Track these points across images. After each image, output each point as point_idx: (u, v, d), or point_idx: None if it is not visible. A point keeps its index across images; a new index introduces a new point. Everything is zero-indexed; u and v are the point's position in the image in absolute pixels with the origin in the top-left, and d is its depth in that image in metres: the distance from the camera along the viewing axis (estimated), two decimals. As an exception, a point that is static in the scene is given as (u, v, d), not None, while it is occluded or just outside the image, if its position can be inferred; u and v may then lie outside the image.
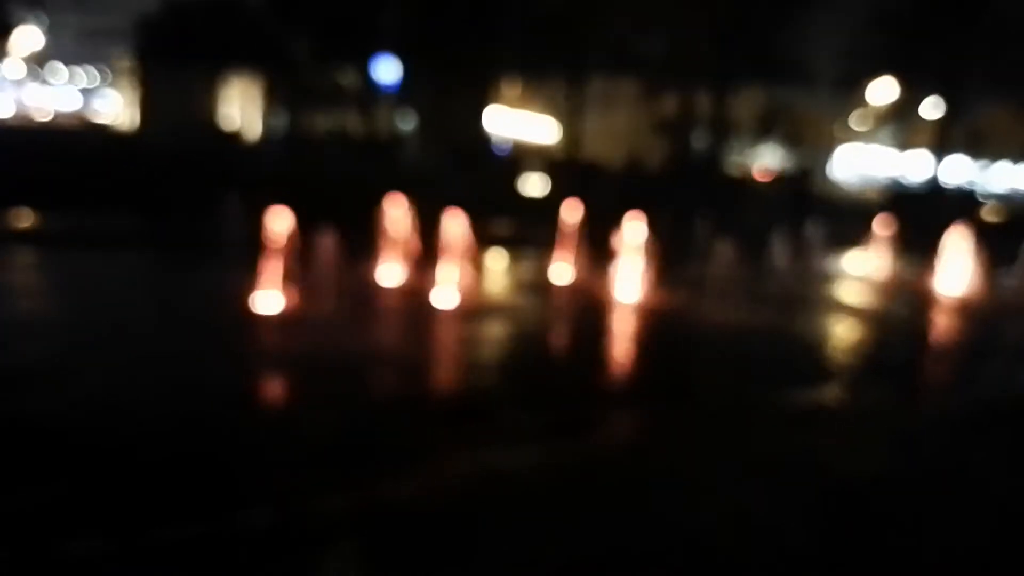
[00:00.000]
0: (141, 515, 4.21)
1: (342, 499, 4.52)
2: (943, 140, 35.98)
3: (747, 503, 4.93)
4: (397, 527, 4.39)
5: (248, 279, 8.70)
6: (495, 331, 9.10)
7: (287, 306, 8.42)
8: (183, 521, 4.23)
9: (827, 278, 14.77)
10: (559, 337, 9.67)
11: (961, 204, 30.59)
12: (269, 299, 8.41)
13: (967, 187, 47.81)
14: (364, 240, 9.99)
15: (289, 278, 8.37)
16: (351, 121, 56.03)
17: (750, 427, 6.37)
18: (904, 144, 78.72)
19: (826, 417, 6.94)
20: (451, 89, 36.74)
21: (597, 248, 11.79)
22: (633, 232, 11.12)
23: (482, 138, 41.25)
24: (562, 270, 12.10)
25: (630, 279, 10.97)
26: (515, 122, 68.13)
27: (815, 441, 6.16)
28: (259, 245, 8.55)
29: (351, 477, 4.88)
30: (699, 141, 38.22)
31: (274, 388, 6.77)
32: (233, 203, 10.79)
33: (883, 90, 46.49)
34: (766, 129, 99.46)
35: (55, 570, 3.75)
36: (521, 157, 43.91)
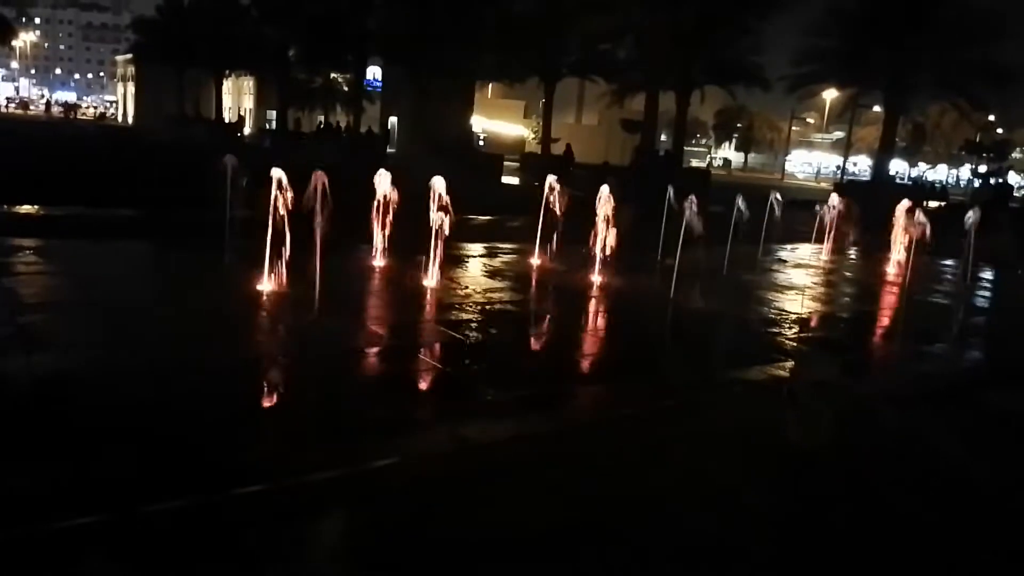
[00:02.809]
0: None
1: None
2: (888, 138, 36.68)
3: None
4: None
5: (246, 262, 8.90)
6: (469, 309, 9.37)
7: (279, 286, 8.61)
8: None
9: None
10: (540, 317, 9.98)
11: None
12: (266, 279, 8.61)
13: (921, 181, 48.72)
14: (353, 224, 10.20)
15: (282, 259, 8.55)
16: (339, 117, 56.10)
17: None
18: (851, 143, 79.69)
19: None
20: (433, 88, 36.96)
21: (572, 236, 12.09)
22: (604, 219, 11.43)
23: (462, 134, 41.46)
24: (540, 255, 12.36)
25: (603, 262, 11.29)
26: (492, 119, 68.39)
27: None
28: (255, 229, 8.72)
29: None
30: (662, 139, 38.70)
31: (266, 362, 6.97)
32: (226, 192, 10.92)
33: (833, 91, 47.26)
34: (725, 129, 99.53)
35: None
36: (497, 152, 44.33)
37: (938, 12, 31.25)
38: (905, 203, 15.13)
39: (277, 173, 8.24)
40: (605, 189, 11.43)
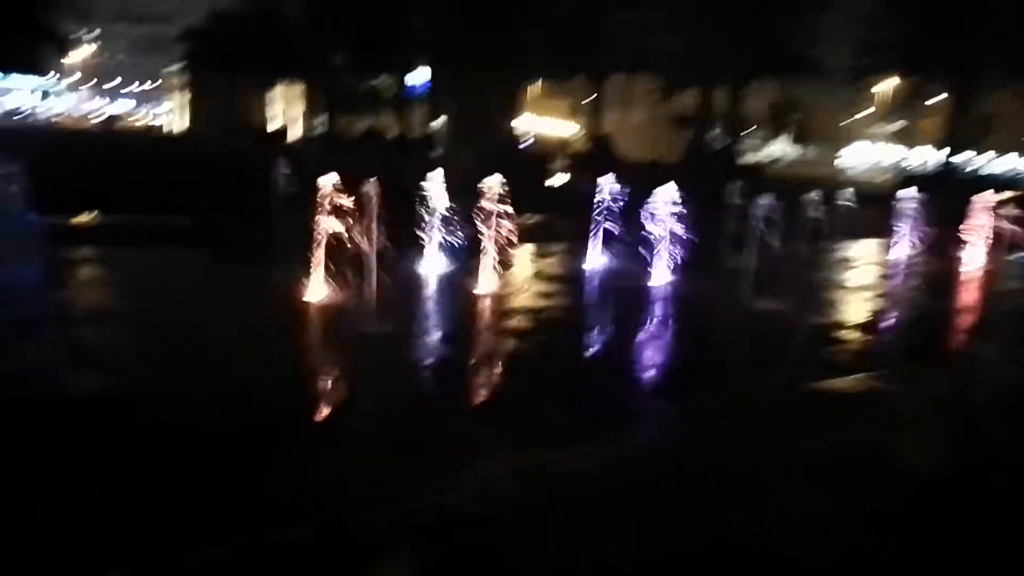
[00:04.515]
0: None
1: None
2: (953, 129, 35.02)
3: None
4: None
5: (296, 271, 8.44)
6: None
7: (332, 295, 8.15)
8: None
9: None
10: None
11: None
12: (316, 288, 8.15)
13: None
14: (403, 230, 9.66)
15: (334, 268, 8.10)
16: (385, 122, 56.04)
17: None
18: (912, 136, 77.16)
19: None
20: (479, 91, 36.41)
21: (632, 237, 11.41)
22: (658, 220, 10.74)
23: (510, 136, 40.90)
24: (594, 258, 11.73)
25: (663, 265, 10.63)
26: (539, 119, 67.70)
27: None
28: (303, 239, 8.28)
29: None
30: (715, 135, 37.54)
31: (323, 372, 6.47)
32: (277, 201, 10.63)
33: (892, 84, 45.48)
34: (778, 123, 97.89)
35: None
36: (546, 152, 43.56)
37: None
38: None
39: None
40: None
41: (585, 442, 5.21)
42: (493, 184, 9.28)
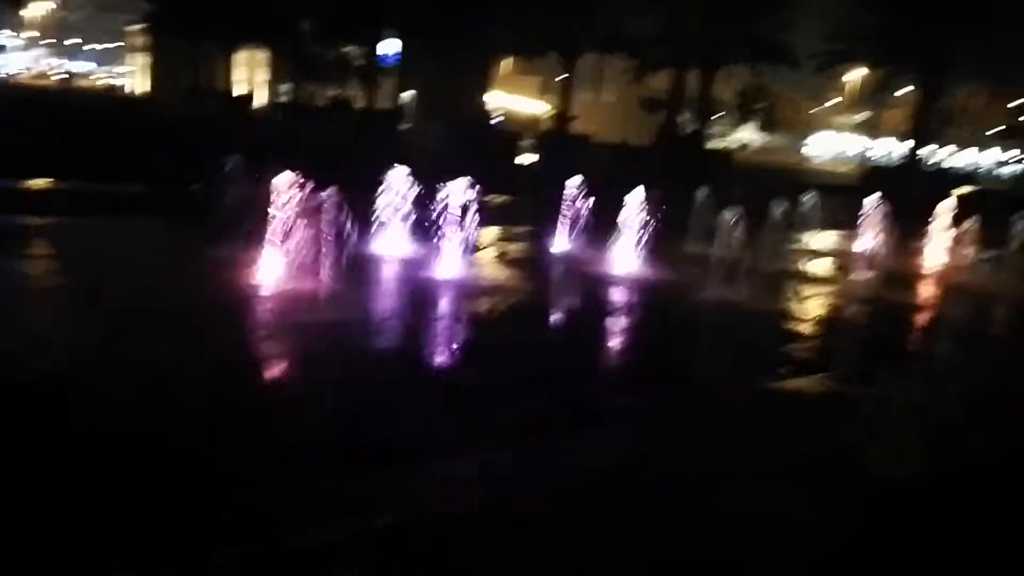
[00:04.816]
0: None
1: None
2: (918, 122, 35.31)
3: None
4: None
5: (248, 250, 8.10)
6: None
7: (283, 277, 7.83)
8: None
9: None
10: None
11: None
12: (268, 270, 7.82)
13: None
14: (365, 209, 9.35)
15: (289, 247, 7.78)
16: (353, 93, 55.09)
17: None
18: (876, 127, 77.84)
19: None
20: (449, 65, 35.85)
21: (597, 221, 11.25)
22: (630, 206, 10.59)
23: (479, 112, 40.38)
24: (560, 243, 11.54)
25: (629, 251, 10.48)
26: (510, 97, 67.14)
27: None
28: (260, 214, 7.95)
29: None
30: (685, 119, 37.41)
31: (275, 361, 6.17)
32: (237, 170, 10.30)
33: (862, 70, 45.72)
34: (745, 109, 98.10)
35: None
36: (514, 130, 43.17)
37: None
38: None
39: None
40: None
41: (548, 445, 5.01)
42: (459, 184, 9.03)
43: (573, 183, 11.56)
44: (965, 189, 31.36)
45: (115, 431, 4.54)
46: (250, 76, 73.06)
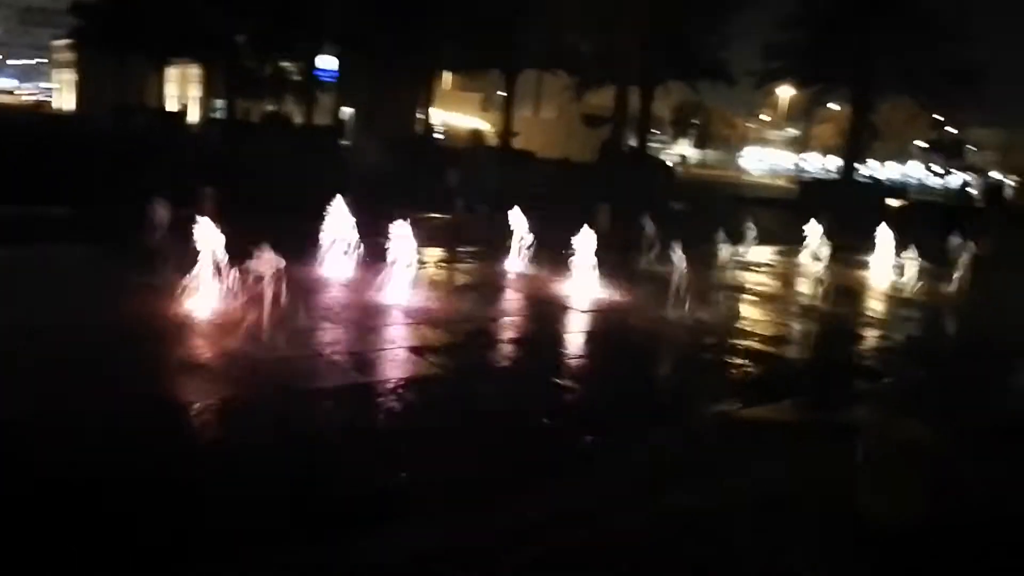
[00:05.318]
0: None
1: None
2: (848, 137, 36.25)
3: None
4: None
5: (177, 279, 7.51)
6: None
7: (216, 306, 7.29)
8: None
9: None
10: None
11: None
12: (199, 299, 7.27)
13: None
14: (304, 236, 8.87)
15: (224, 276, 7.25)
16: (290, 108, 54.08)
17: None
18: (805, 142, 79.85)
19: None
20: (388, 80, 35.36)
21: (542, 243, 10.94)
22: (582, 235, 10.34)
23: (421, 128, 39.92)
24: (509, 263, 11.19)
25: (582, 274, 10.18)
26: (451, 114, 66.86)
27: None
28: (189, 242, 7.38)
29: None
30: (625, 134, 37.68)
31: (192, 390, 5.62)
32: (167, 192, 9.71)
33: (792, 89, 46.86)
34: (680, 126, 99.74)
35: None
36: (454, 147, 42.86)
37: (904, 7, 30.80)
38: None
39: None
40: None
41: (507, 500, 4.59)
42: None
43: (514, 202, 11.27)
44: (897, 202, 32.22)
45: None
46: (183, 92, 71.27)
